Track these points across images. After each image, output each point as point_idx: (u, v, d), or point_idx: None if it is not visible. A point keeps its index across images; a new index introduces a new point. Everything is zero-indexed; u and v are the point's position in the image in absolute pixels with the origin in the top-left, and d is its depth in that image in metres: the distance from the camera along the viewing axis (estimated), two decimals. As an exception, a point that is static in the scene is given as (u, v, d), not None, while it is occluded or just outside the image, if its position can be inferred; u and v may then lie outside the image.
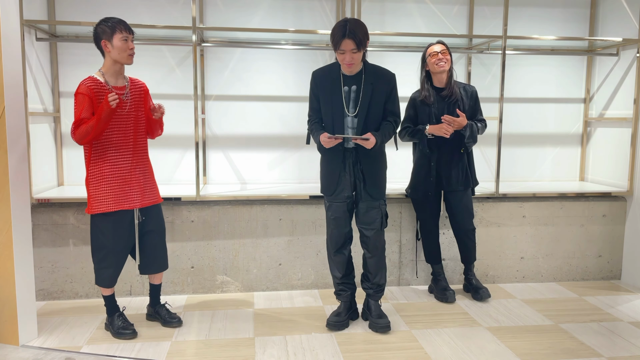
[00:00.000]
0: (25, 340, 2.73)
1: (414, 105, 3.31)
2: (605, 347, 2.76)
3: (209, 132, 3.88)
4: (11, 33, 2.60)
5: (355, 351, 2.68)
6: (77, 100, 2.60)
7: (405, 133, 3.32)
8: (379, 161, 2.87)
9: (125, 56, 2.64)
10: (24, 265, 2.70)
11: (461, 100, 3.25)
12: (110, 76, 2.68)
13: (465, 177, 3.30)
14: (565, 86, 4.24)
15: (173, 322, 2.96)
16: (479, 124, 3.28)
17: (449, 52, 3.21)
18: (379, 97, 2.77)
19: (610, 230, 3.88)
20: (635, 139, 3.75)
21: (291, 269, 3.59)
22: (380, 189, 2.87)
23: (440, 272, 3.48)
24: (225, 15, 3.80)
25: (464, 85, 3.31)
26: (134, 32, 2.69)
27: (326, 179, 2.89)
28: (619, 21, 3.94)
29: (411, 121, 3.33)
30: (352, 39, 2.59)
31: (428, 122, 3.24)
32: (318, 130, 2.82)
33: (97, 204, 2.67)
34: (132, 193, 2.73)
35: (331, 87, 2.77)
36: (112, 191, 2.67)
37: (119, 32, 2.60)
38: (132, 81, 2.79)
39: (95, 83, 2.62)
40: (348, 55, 2.64)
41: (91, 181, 2.68)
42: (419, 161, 3.36)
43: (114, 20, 2.63)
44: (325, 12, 3.89)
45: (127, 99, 2.72)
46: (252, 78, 3.89)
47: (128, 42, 2.63)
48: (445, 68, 3.18)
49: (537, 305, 3.36)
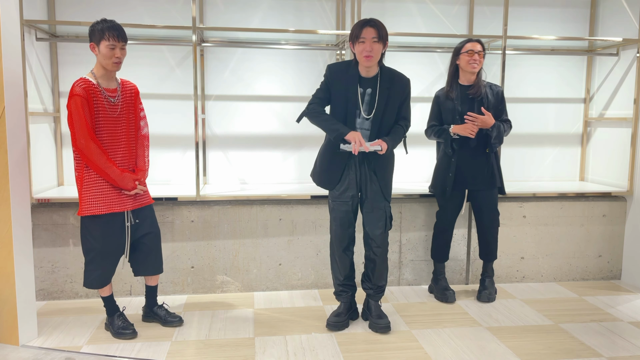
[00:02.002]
0: (25, 340, 2.73)
1: (438, 103, 3.30)
2: (605, 347, 2.76)
3: (209, 132, 3.88)
4: (11, 33, 2.60)
5: (355, 351, 2.68)
6: (75, 103, 2.55)
7: (432, 132, 3.31)
8: (387, 162, 2.86)
9: (110, 63, 2.61)
10: (24, 265, 2.70)
11: (486, 99, 3.22)
12: (102, 78, 2.66)
13: (491, 176, 3.27)
14: (565, 86, 4.24)
15: (174, 322, 2.95)
16: (504, 124, 3.26)
17: (484, 54, 3.17)
18: (394, 102, 2.77)
19: (610, 230, 3.88)
20: (635, 139, 3.75)
21: (291, 269, 3.59)
22: (387, 190, 2.86)
23: (442, 271, 3.48)
24: (225, 15, 3.80)
25: (490, 84, 3.28)
26: (126, 40, 2.65)
27: (326, 173, 2.87)
28: (619, 21, 3.94)
29: (436, 119, 3.32)
30: (373, 28, 2.62)
31: (452, 120, 3.23)
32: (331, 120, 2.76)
33: (88, 207, 2.64)
34: (123, 195, 2.72)
35: (347, 84, 2.75)
36: (102, 194, 2.65)
37: (106, 39, 2.57)
38: (123, 83, 2.77)
39: (88, 84, 2.60)
40: (368, 44, 2.64)
41: (82, 183, 2.66)
42: (442, 159, 3.34)
43: (107, 25, 2.59)
44: (325, 12, 3.89)
45: (117, 102, 2.70)
46: (252, 78, 3.89)
47: (115, 50, 2.59)
48: (477, 69, 3.17)
49: (537, 305, 3.36)
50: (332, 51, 3.92)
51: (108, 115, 2.66)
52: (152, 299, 3.00)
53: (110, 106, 2.66)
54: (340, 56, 3.86)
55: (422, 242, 3.69)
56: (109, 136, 2.68)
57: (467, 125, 3.14)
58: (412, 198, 3.65)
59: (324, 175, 2.88)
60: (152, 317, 3.01)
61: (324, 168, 2.88)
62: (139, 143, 2.83)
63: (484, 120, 3.13)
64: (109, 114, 2.66)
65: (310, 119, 2.83)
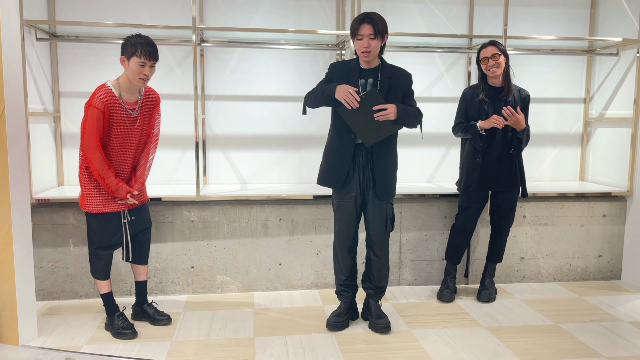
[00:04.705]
0: (25, 340, 2.73)
1: (465, 101, 3.30)
2: (605, 347, 2.76)
3: (209, 132, 3.88)
4: (11, 33, 2.60)
5: (356, 351, 2.68)
6: (91, 113, 2.59)
7: (459, 129, 3.31)
8: (390, 162, 2.84)
9: (136, 79, 2.64)
10: (24, 265, 2.70)
11: (513, 102, 3.22)
12: (125, 90, 2.69)
13: (514, 177, 3.28)
14: (565, 86, 4.24)
15: (162, 320, 2.98)
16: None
17: (501, 53, 3.14)
18: (397, 93, 2.77)
19: (610, 230, 3.88)
20: (635, 139, 3.75)
21: (291, 269, 3.59)
22: (390, 191, 2.85)
23: (454, 273, 3.48)
24: (225, 15, 3.79)
25: (518, 88, 3.28)
26: (157, 59, 2.67)
27: (331, 171, 2.85)
28: (619, 21, 3.94)
29: (463, 116, 3.31)
30: (370, 24, 2.66)
31: (478, 119, 3.23)
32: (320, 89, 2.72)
33: (87, 203, 2.73)
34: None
35: (347, 76, 2.77)
36: (100, 193, 2.73)
37: (137, 56, 2.59)
38: (145, 93, 2.80)
39: (109, 97, 2.62)
40: (365, 40, 2.67)
41: (83, 180, 2.73)
42: (467, 157, 3.32)
43: (140, 40, 2.60)
44: (325, 12, 3.89)
45: (136, 115, 2.74)
46: (252, 78, 3.89)
47: (144, 68, 2.62)
48: (498, 73, 3.15)
49: (537, 305, 3.36)
50: (332, 51, 3.91)
51: (124, 126, 2.70)
52: (142, 296, 3.02)
53: (129, 119, 2.71)
54: (340, 56, 3.86)
55: (422, 242, 3.69)
56: (120, 144, 2.73)
57: (492, 116, 3.12)
58: (412, 198, 3.65)
59: (329, 172, 2.86)
60: (141, 315, 3.02)
61: (328, 164, 2.87)
62: (143, 153, 2.87)
63: (518, 119, 3.11)
64: (126, 125, 2.71)
65: (309, 103, 2.79)
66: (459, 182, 3.46)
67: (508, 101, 3.20)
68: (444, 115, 4.04)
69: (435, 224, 3.69)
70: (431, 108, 4.05)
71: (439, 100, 4.08)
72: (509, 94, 3.19)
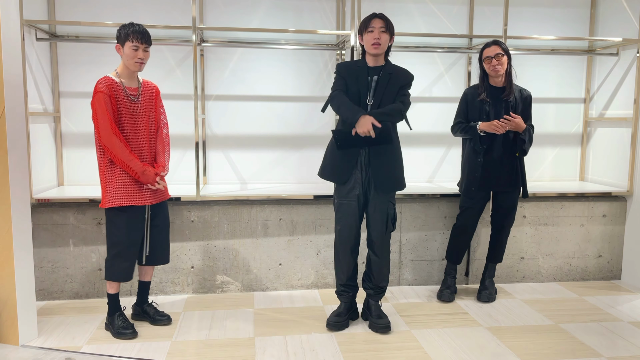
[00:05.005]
0: (25, 340, 2.73)
1: (466, 101, 3.29)
2: (605, 347, 2.76)
3: (209, 132, 3.88)
4: (11, 33, 2.60)
5: (356, 351, 2.68)
6: (98, 100, 2.66)
7: (458, 129, 3.31)
8: (391, 162, 2.84)
9: (132, 63, 2.73)
10: (24, 265, 2.70)
11: (514, 102, 3.22)
12: (125, 77, 2.78)
13: (516, 178, 3.28)
14: (565, 86, 4.24)
15: (162, 320, 2.98)
16: (531, 129, 3.27)
17: (504, 53, 3.14)
18: (394, 87, 2.80)
19: (610, 230, 3.88)
20: (635, 139, 3.75)
21: (291, 269, 3.59)
22: (389, 184, 2.84)
23: (454, 273, 3.48)
24: (225, 15, 3.79)
25: (520, 88, 3.28)
26: (149, 42, 2.77)
27: (334, 167, 2.86)
28: (619, 21, 3.94)
29: (463, 116, 3.31)
30: (381, 19, 2.78)
31: (479, 119, 3.23)
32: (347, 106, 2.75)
33: (111, 199, 2.73)
34: (143, 190, 2.79)
35: (357, 75, 2.83)
36: (124, 188, 2.73)
37: (130, 40, 2.69)
38: (144, 83, 2.88)
39: (111, 82, 2.70)
40: (376, 32, 2.75)
41: (105, 177, 2.74)
42: (468, 157, 3.32)
43: (132, 28, 2.71)
44: (325, 12, 3.89)
45: (138, 100, 2.80)
46: (252, 78, 3.89)
47: (138, 52, 2.72)
48: (501, 72, 3.15)
49: (537, 305, 3.36)
50: (332, 51, 3.91)
51: (129, 111, 2.76)
52: (144, 296, 3.03)
53: (131, 104, 2.77)
54: (340, 56, 3.86)
55: (422, 242, 3.69)
56: (131, 130, 2.77)
57: (493, 121, 3.13)
58: (412, 198, 3.65)
59: (334, 169, 2.87)
60: (141, 315, 3.02)
61: (332, 161, 2.88)
62: (159, 141, 2.92)
63: (518, 123, 3.13)
64: (130, 110, 2.76)
65: (332, 104, 2.84)
66: (460, 182, 3.46)
67: (509, 101, 3.21)
68: (443, 115, 4.04)
69: (435, 224, 3.69)
70: (431, 108, 4.06)
71: (439, 100, 4.08)
72: (511, 94, 3.20)
